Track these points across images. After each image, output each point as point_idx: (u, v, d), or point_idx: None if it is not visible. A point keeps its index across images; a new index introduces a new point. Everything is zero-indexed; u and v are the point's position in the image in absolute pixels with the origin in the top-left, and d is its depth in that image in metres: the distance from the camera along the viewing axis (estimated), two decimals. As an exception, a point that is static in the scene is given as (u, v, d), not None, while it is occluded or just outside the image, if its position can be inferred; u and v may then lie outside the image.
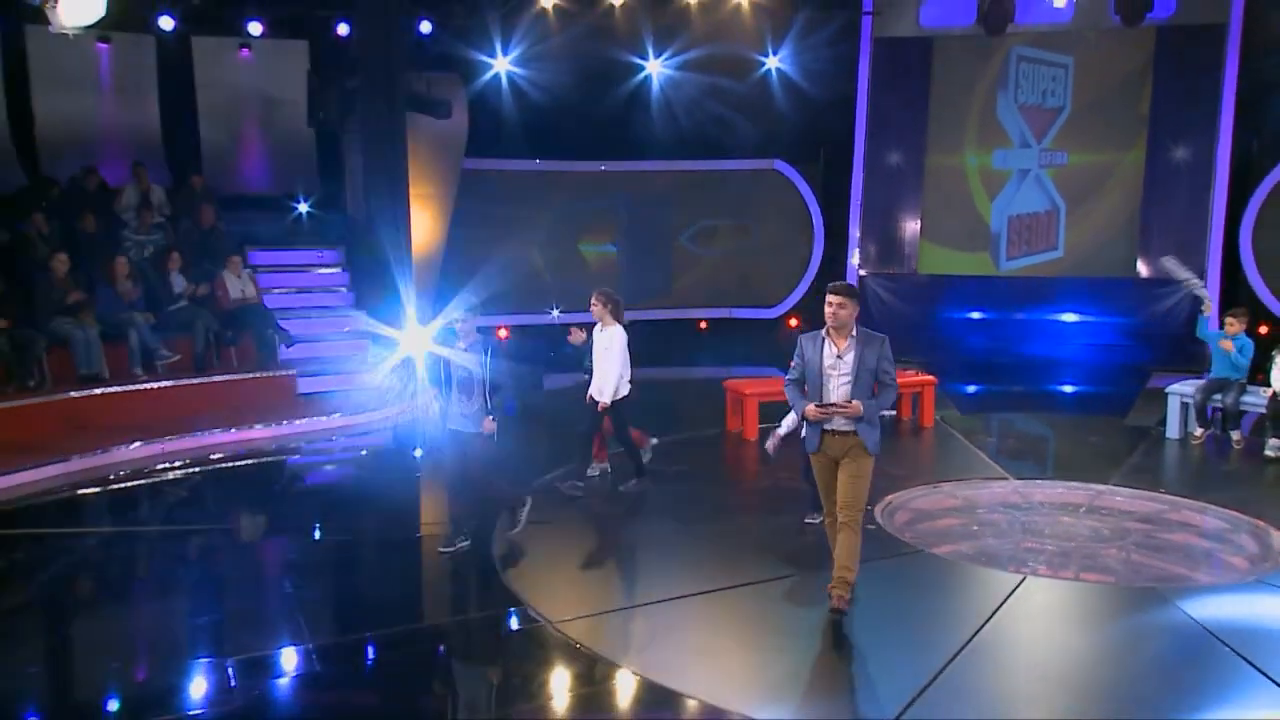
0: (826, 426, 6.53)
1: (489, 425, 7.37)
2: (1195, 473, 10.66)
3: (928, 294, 17.26)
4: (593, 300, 9.15)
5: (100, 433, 10.65)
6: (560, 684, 6.24)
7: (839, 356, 6.49)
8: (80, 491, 9.67)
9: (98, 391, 11.17)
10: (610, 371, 9.08)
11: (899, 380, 10.84)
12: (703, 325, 17.31)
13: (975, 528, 9.25)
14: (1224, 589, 7.85)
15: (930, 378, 12.20)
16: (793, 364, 6.78)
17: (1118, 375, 15.16)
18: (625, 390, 9.19)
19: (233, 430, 11.28)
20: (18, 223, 12.16)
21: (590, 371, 9.30)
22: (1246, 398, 10.75)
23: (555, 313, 16.31)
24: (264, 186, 15.32)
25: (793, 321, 17.31)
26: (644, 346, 16.02)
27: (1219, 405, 11.00)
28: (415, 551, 8.67)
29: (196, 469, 10.51)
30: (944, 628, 6.79)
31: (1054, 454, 11.88)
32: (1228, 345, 10.74)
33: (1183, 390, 11.30)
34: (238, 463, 10.74)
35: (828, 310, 6.48)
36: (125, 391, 11.39)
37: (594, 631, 6.80)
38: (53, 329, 11.14)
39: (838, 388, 6.50)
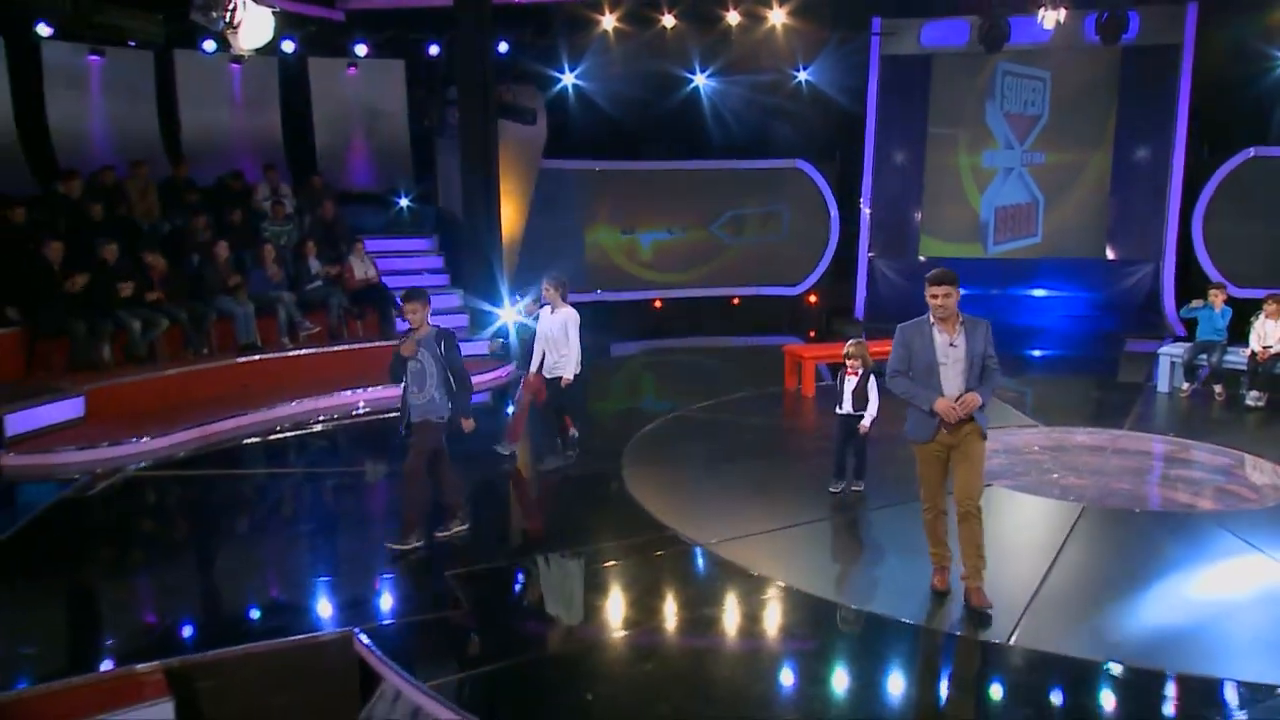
0: (950, 419, 5.73)
1: (468, 425, 6.87)
2: (1191, 420, 10.89)
3: (923, 276, 17.12)
4: (545, 285, 8.76)
5: (260, 392, 11.10)
6: (729, 596, 6.35)
7: (951, 345, 5.74)
8: (249, 440, 10.07)
9: (255, 358, 11.68)
10: (574, 350, 8.66)
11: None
12: (735, 301, 17.40)
13: (1022, 467, 9.26)
14: (1248, 513, 7.89)
15: None
16: (896, 356, 5.93)
17: (1093, 341, 15.49)
18: (577, 370, 8.72)
19: (365, 390, 11.65)
20: (175, 218, 12.71)
21: (504, 350, 9.33)
22: (1229, 357, 11.23)
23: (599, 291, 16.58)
24: (369, 183, 15.65)
25: (811, 298, 17.49)
26: (685, 319, 16.83)
27: (1204, 364, 11.42)
28: (551, 486, 8.87)
29: (344, 420, 11.02)
30: (1029, 553, 6.96)
31: (1068, 406, 11.97)
32: (1220, 297, 11.33)
33: (1172, 351, 11.90)
34: (375, 417, 11.06)
35: (933, 301, 5.73)
36: (276, 358, 11.92)
37: (742, 552, 6.89)
38: (218, 305, 11.74)
39: (953, 378, 5.74)
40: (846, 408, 8.03)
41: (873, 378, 7.94)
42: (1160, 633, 5.86)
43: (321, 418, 11.14)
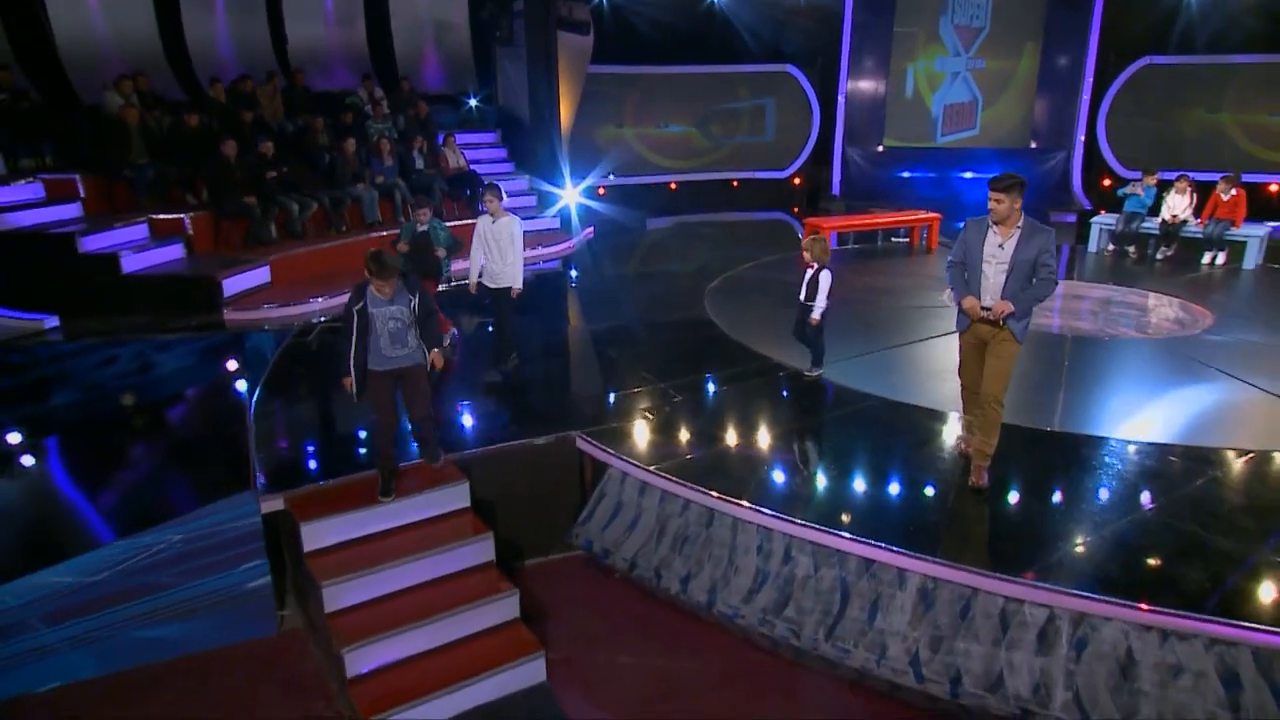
0: (974, 316, 5.48)
1: (437, 359, 5.84)
2: (1120, 272, 11.68)
3: (890, 159, 17.61)
4: (487, 196, 7.70)
5: None
6: (832, 406, 7.24)
7: (1000, 246, 5.35)
8: None
9: (380, 234, 11.90)
10: (519, 258, 7.65)
11: (910, 218, 11.91)
12: (735, 184, 17.65)
13: (1073, 312, 9.99)
14: (1181, 339, 8.95)
15: (936, 215, 13.28)
16: (957, 246, 5.58)
17: (1025, 212, 16.22)
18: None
19: (463, 261, 12.16)
20: (297, 119, 13.01)
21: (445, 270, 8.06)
22: (1147, 224, 12.39)
23: (611, 177, 16.54)
24: (440, 87, 15.75)
25: (796, 180, 17.70)
26: (695, 200, 17.37)
27: (1130, 230, 12.46)
28: (659, 330, 9.27)
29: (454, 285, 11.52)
30: (1042, 374, 7.78)
31: (1063, 261, 12.39)
32: (1150, 180, 12.36)
33: (1104, 221, 13.09)
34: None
35: (990, 204, 5.33)
36: (392, 235, 12.41)
37: (835, 374, 7.73)
38: (350, 192, 12.29)
39: (992, 276, 5.37)
40: (803, 297, 7.66)
41: (826, 272, 7.46)
42: (1156, 418, 7.05)
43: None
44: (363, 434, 6.89)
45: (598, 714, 5.33)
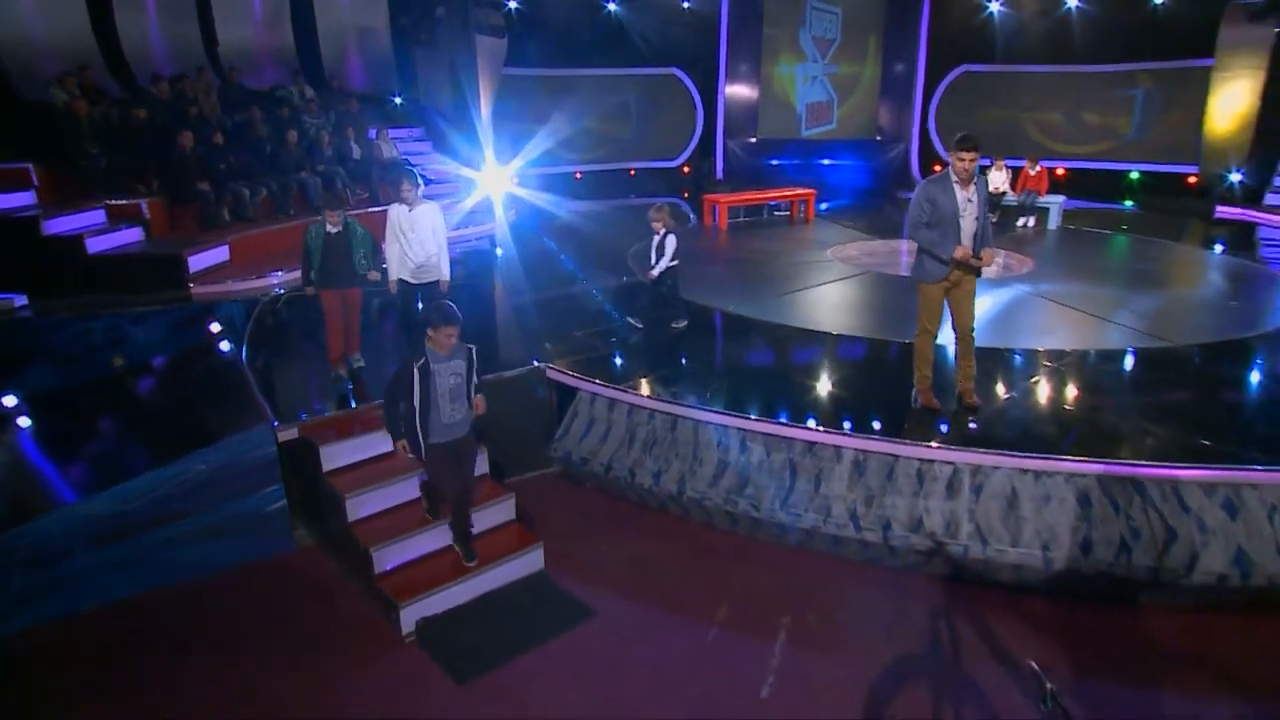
0: (969, 264, 5.52)
1: (480, 405, 5.12)
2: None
3: (762, 149, 18.07)
4: (403, 184, 6.56)
5: None
6: (754, 334, 7.87)
7: (969, 200, 5.44)
8: None
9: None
10: (445, 247, 6.61)
11: (792, 194, 12.48)
12: (632, 172, 17.84)
13: (889, 259, 10.91)
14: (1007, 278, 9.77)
15: (812, 190, 14.16)
16: (921, 209, 5.52)
17: (871, 193, 16.90)
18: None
19: None
20: (234, 114, 12.46)
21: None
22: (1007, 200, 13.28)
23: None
24: (364, 87, 15.32)
25: (685, 168, 17.94)
26: (598, 187, 17.53)
27: None
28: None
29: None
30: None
31: (887, 227, 13.10)
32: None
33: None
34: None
35: (960, 163, 5.33)
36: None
37: (751, 310, 8.41)
38: (294, 179, 11.94)
39: (968, 226, 5.45)
40: (653, 260, 7.71)
41: (671, 236, 7.56)
42: (1005, 331, 7.81)
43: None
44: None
45: (589, 591, 5.63)
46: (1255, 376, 7.09)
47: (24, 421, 6.61)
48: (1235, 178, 14.50)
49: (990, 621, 5.19)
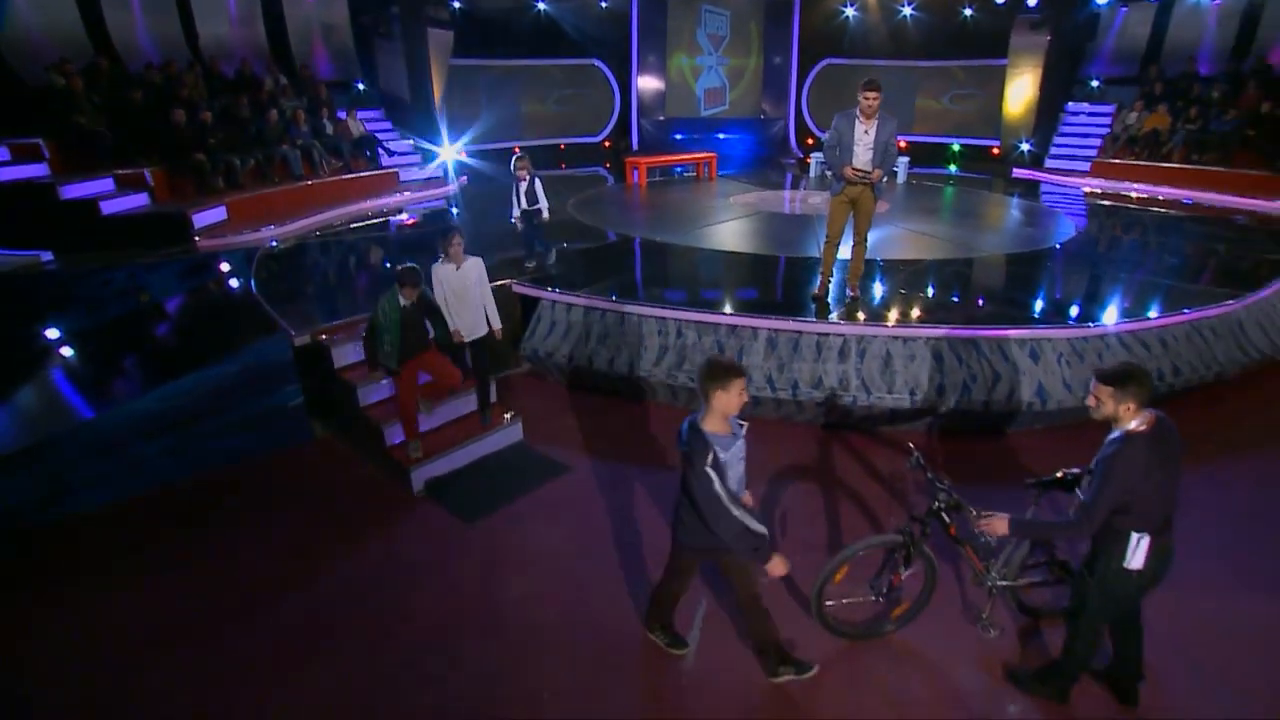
0: (852, 180, 5.52)
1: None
2: (827, 182, 12.73)
3: (669, 126, 17.39)
4: (453, 240, 5.12)
5: (305, 206, 10.73)
6: (681, 253, 7.95)
7: (866, 132, 5.41)
8: (328, 226, 9.97)
9: (307, 183, 11.32)
10: (490, 297, 5.45)
11: (699, 157, 12.56)
12: (562, 147, 17.25)
13: (776, 201, 11.04)
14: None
15: (713, 154, 14.22)
16: (830, 135, 5.56)
17: (762, 159, 16.77)
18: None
19: (376, 200, 11.64)
20: (219, 99, 11.72)
21: None
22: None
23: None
24: (330, 75, 14.38)
25: (606, 143, 17.45)
26: (535, 161, 16.84)
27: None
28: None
29: (376, 220, 10.75)
30: (809, 229, 8.78)
31: (769, 183, 13.13)
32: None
33: (817, 157, 14.30)
34: (388, 217, 10.65)
35: (865, 100, 5.26)
36: (314, 184, 11.44)
37: (676, 239, 8.47)
38: (277, 151, 11.39)
39: (862, 153, 5.46)
40: (524, 205, 7.25)
41: (538, 180, 7.14)
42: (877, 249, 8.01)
43: (369, 214, 11.01)
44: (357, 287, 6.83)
45: (564, 454, 5.77)
46: (1042, 273, 7.69)
47: (67, 351, 6.24)
48: (1025, 147, 15.46)
49: (869, 452, 5.58)
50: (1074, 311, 6.16)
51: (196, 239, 9.04)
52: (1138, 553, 2.89)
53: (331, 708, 3.51)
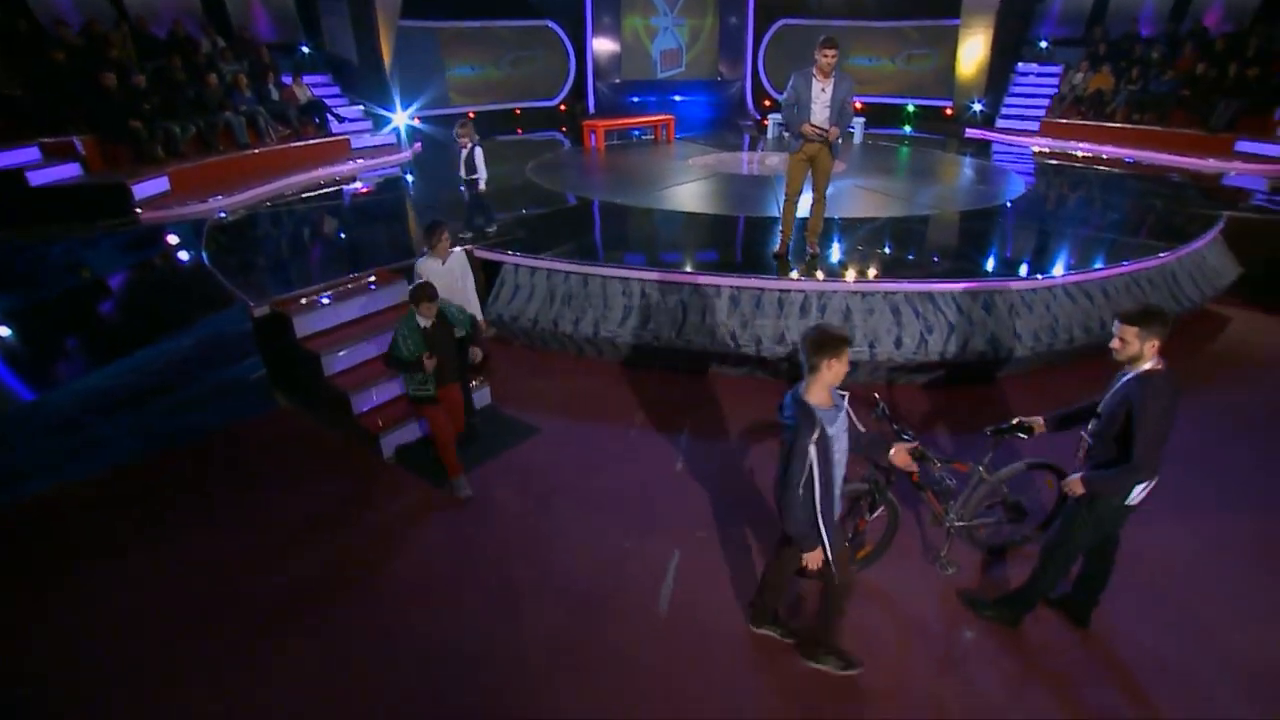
0: (810, 138, 5.51)
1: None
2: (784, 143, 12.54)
3: (625, 89, 17.31)
4: (439, 235, 4.97)
5: (253, 176, 10.34)
6: (641, 215, 7.89)
7: (823, 90, 5.42)
8: (275, 197, 9.52)
9: (254, 152, 10.89)
10: (473, 289, 5.33)
11: (656, 120, 12.48)
12: (518, 112, 16.89)
13: (735, 163, 11.02)
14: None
15: (671, 116, 14.11)
16: (788, 93, 5.54)
17: (719, 121, 16.71)
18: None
19: (328, 168, 11.22)
20: (150, 60, 11.09)
21: None
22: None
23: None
24: (271, 37, 13.82)
25: (562, 107, 17.12)
26: (490, 124, 16.68)
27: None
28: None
29: (329, 188, 10.31)
30: (768, 189, 8.85)
31: (728, 145, 13.23)
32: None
33: (774, 118, 14.37)
34: (341, 185, 10.36)
35: (822, 60, 5.29)
36: (261, 152, 11.03)
37: (637, 201, 8.42)
38: (221, 118, 10.90)
39: (819, 111, 5.46)
40: (462, 173, 7.03)
41: (479, 148, 6.83)
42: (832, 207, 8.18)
43: (322, 182, 10.62)
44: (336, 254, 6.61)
45: (532, 416, 5.79)
46: (994, 229, 7.91)
47: (3, 331, 5.96)
48: (977, 107, 15.62)
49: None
50: (1023, 267, 6.36)
51: (138, 211, 8.63)
52: (1142, 493, 3.05)
53: (319, 673, 3.53)
